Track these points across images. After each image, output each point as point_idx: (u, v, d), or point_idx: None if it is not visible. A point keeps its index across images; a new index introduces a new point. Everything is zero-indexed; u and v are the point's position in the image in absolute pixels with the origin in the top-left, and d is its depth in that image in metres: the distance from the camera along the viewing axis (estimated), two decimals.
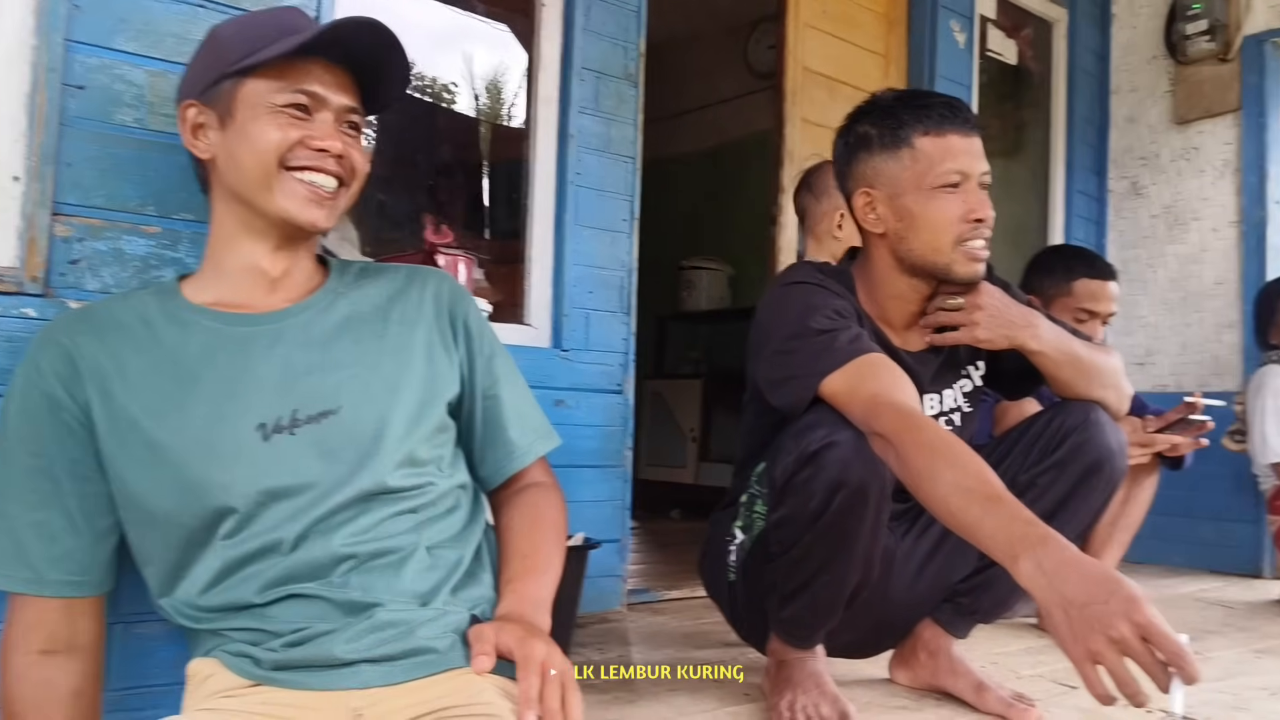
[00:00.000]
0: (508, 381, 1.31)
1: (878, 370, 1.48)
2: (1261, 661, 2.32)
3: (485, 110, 3.21)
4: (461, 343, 1.28)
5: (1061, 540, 1.10)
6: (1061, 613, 1.04)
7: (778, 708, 1.64)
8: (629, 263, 2.61)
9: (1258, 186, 3.86)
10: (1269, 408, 3.01)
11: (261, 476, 1.09)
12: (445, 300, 1.28)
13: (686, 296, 5.26)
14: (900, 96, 1.70)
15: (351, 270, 1.29)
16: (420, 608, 1.11)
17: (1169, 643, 0.96)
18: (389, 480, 1.14)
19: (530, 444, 1.32)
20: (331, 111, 1.17)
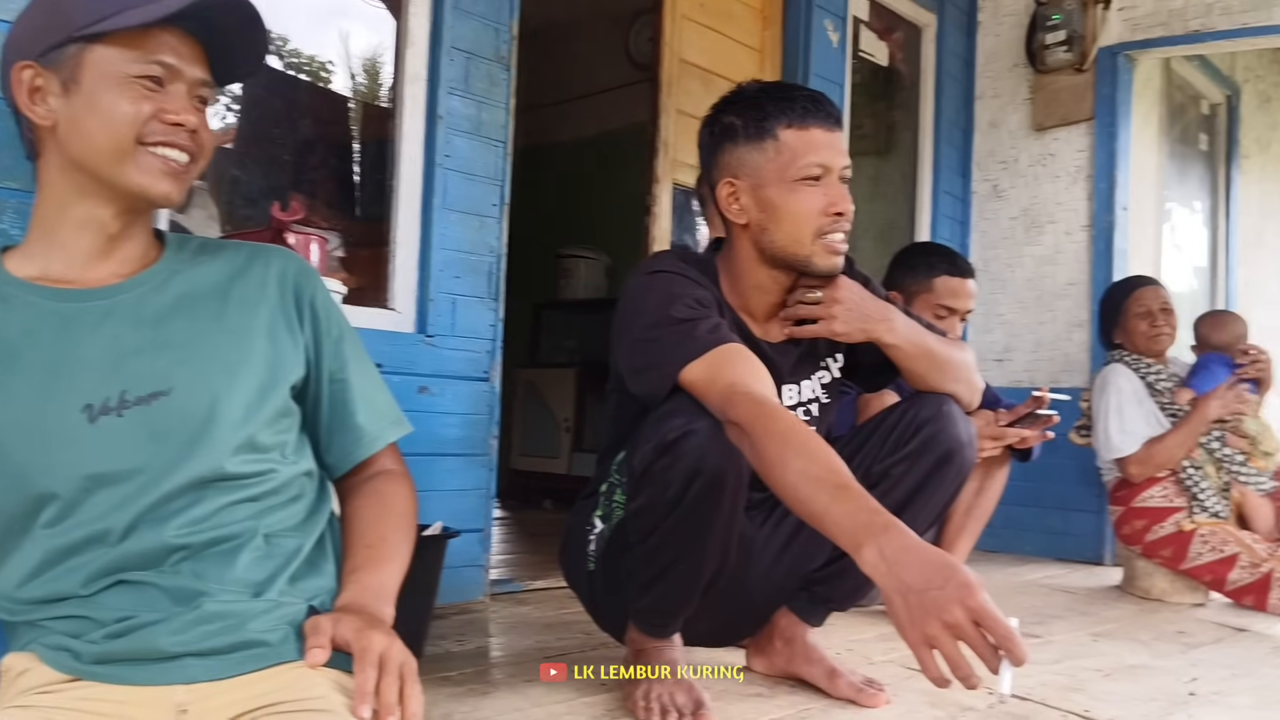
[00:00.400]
0: (357, 365, 1.27)
1: (736, 360, 1.48)
2: (1098, 644, 2.43)
3: (359, 88, 3.11)
4: (307, 324, 1.22)
5: (903, 528, 1.12)
6: (900, 599, 1.06)
7: (634, 697, 1.63)
8: (498, 248, 2.57)
9: (1108, 193, 4.05)
10: (1111, 405, 3.16)
11: (86, 461, 1.03)
12: (290, 280, 1.23)
13: (563, 285, 5.23)
14: (765, 88, 1.71)
15: (190, 246, 1.22)
16: (253, 598, 1.07)
17: (999, 626, 0.99)
18: (226, 466, 1.09)
19: (380, 430, 1.27)
20: (185, 84, 1.11)
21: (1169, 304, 3.28)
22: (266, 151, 2.70)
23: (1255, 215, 5.56)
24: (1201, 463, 3.09)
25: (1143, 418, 3.15)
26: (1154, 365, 3.24)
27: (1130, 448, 3.10)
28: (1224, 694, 2.02)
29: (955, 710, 1.75)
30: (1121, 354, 3.29)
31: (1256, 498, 3.11)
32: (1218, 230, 5.30)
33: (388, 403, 1.31)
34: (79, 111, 1.08)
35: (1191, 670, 2.21)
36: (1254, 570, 2.92)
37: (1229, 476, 3.10)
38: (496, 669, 1.90)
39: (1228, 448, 3.11)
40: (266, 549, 1.11)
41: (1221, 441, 3.11)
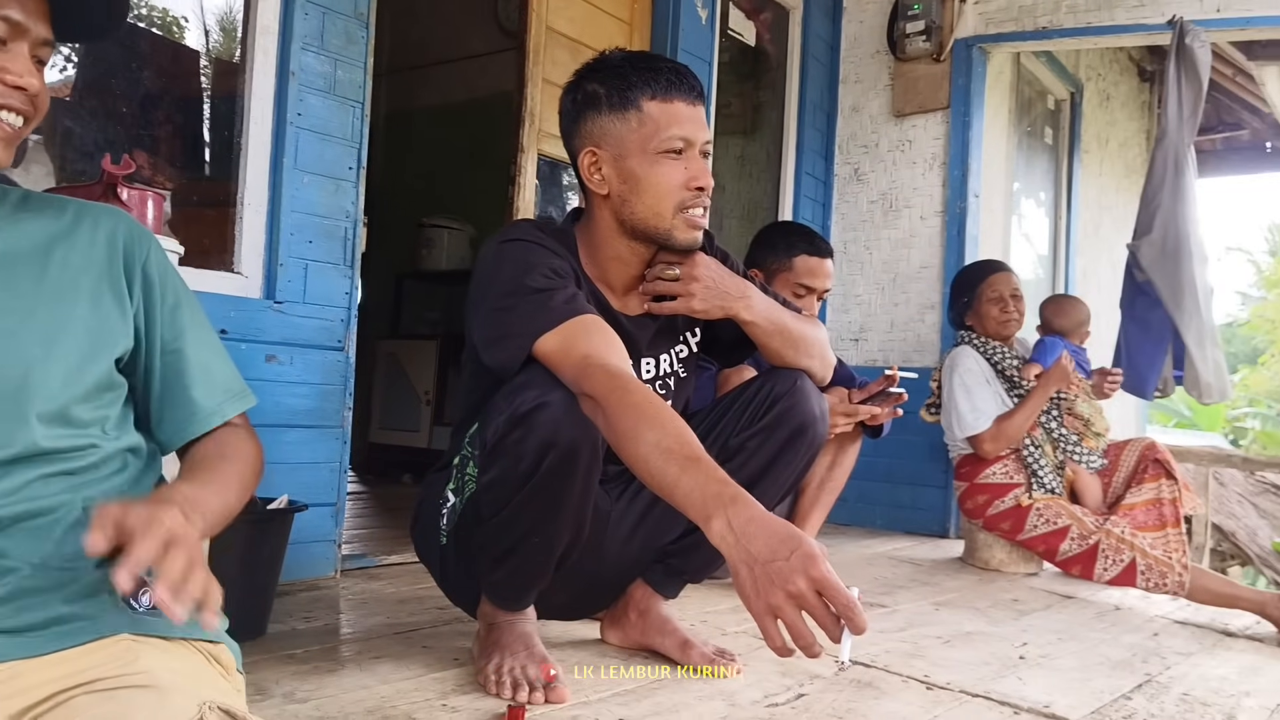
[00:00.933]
0: (194, 335, 1.18)
1: (591, 332, 1.47)
2: (939, 613, 2.53)
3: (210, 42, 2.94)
4: (138, 291, 1.13)
5: (751, 500, 1.12)
6: (746, 569, 1.06)
7: (484, 671, 1.61)
8: (354, 213, 2.47)
9: (960, 180, 4.21)
10: (958, 385, 3.29)
11: None
12: (120, 243, 1.13)
13: (426, 255, 5.10)
14: (630, 58, 1.69)
15: (9, 200, 1.11)
16: (64, 570, 0.99)
17: (840, 596, 1.01)
18: (39, 441, 1.00)
19: (218, 405, 1.18)
20: (28, 42, 1.02)
21: (1019, 290, 3.43)
22: (107, 104, 2.53)
23: (1094, 208, 5.88)
24: (1040, 442, 3.26)
25: (991, 397, 3.30)
26: (1001, 348, 3.39)
27: (983, 425, 3.24)
28: (1051, 656, 2.13)
29: (804, 678, 1.79)
30: (970, 336, 3.43)
31: (1087, 475, 3.30)
32: (1059, 220, 5.57)
33: (229, 375, 1.22)
34: None
35: (1023, 635, 2.33)
36: (1083, 541, 3.09)
37: (1064, 455, 3.27)
38: (345, 646, 1.84)
39: (1064, 428, 3.29)
40: (87, 521, 1.03)
41: (1059, 422, 3.29)
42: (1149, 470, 3.21)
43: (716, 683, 1.74)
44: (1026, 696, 1.80)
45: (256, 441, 1.22)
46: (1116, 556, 3.03)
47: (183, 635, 1.00)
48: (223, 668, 1.04)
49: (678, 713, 1.56)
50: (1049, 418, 3.30)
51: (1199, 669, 2.15)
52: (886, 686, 1.80)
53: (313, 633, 1.92)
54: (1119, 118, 6.19)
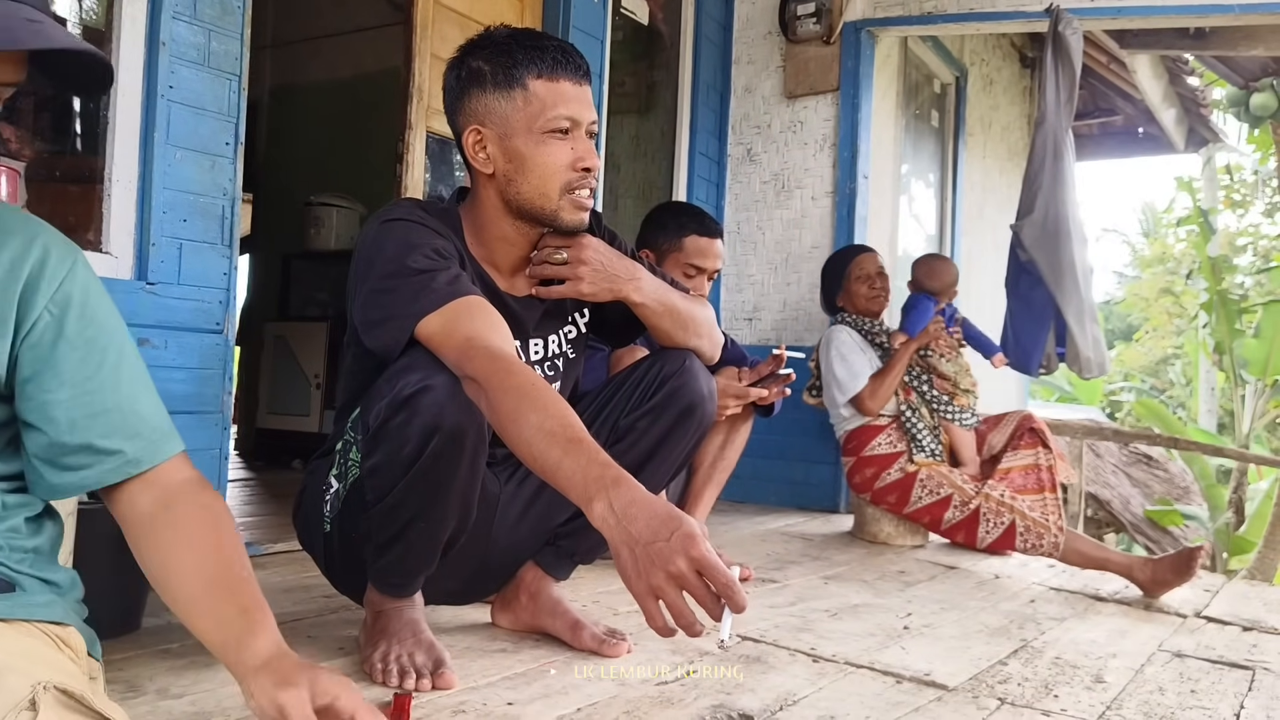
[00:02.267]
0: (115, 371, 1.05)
1: (474, 313, 1.45)
2: (828, 586, 2.59)
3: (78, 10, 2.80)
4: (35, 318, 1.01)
5: (633, 482, 1.12)
6: (627, 550, 1.07)
7: (370, 659, 1.58)
8: (232, 191, 2.39)
9: (850, 161, 4.28)
10: (835, 357, 3.43)
11: None
12: (30, 264, 1.01)
13: (314, 235, 4.95)
14: (515, 35, 1.66)
15: None
16: None
17: (720, 575, 1.02)
18: None
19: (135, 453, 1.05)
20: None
21: (884, 269, 3.60)
22: None
23: (978, 190, 6.05)
24: (916, 405, 3.39)
25: (866, 363, 3.43)
26: (873, 323, 3.57)
27: (860, 385, 3.36)
28: (933, 626, 2.20)
29: (693, 655, 1.81)
30: (843, 316, 3.56)
31: (962, 433, 3.43)
32: (945, 202, 5.73)
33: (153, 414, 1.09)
34: None
35: (908, 606, 2.40)
36: (964, 508, 3.21)
37: (938, 418, 3.40)
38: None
39: (934, 389, 3.43)
40: None
41: (929, 385, 3.43)
42: (1025, 438, 3.35)
43: (607, 662, 1.74)
44: (909, 665, 1.85)
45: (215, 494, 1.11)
46: (997, 519, 3.16)
47: (25, 617, 0.96)
48: (72, 650, 1.00)
49: (567, 694, 1.56)
50: (919, 381, 3.44)
51: (1071, 633, 2.24)
52: (774, 660, 1.83)
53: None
54: (1002, 102, 6.38)
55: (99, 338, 1.05)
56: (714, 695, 1.60)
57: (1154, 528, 7.29)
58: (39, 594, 1.01)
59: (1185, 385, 15.27)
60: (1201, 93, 6.79)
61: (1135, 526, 7.36)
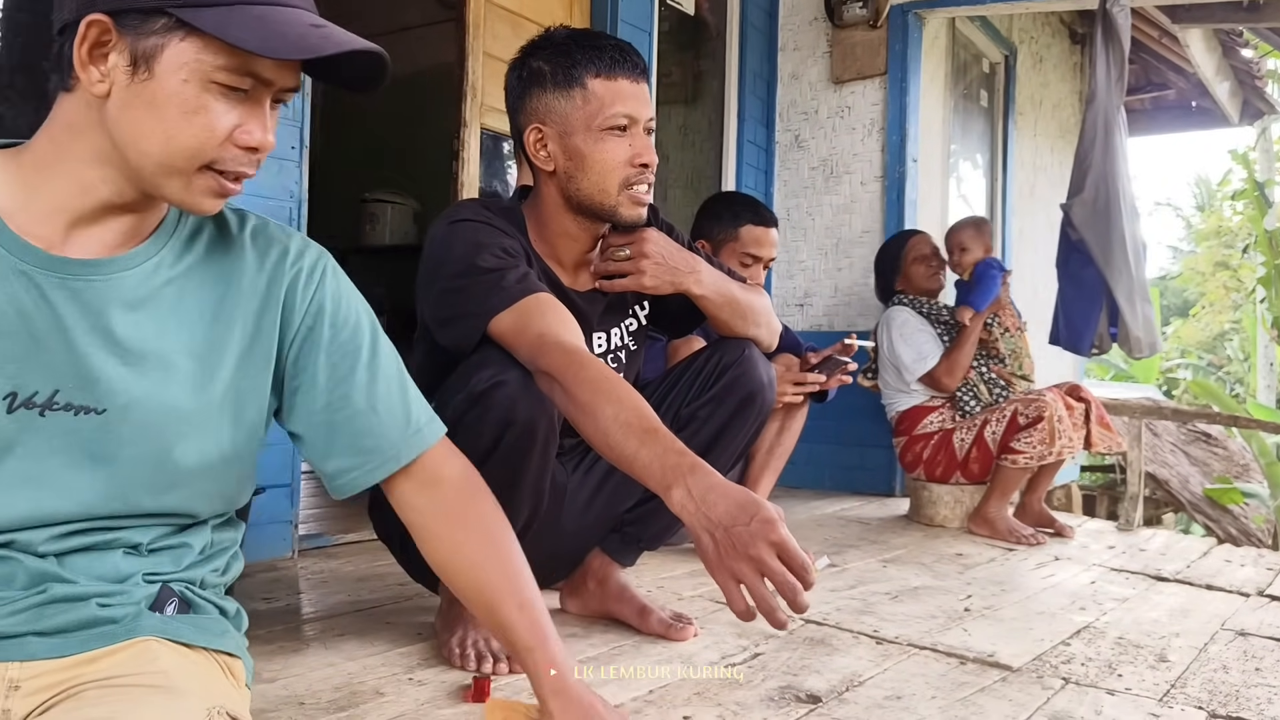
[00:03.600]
0: (371, 371, 1.11)
1: (544, 309, 1.49)
2: (887, 570, 2.62)
3: None
4: (295, 334, 1.06)
5: (709, 469, 1.16)
6: (708, 536, 1.11)
7: (448, 644, 1.64)
8: (299, 193, 2.47)
9: (899, 145, 4.27)
10: (897, 338, 3.45)
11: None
12: (286, 283, 1.06)
13: (370, 230, 5.06)
14: (573, 35, 1.70)
15: (189, 221, 1.03)
16: (106, 583, 0.98)
17: (798, 558, 1.05)
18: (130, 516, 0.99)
19: (397, 444, 1.11)
20: (271, 93, 0.95)
21: (938, 249, 3.66)
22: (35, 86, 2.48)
23: (1029, 169, 5.99)
24: (975, 383, 3.41)
25: (931, 339, 3.45)
26: (931, 302, 3.60)
27: (933, 362, 3.40)
28: (994, 607, 2.22)
29: (759, 638, 1.85)
30: (901, 298, 3.57)
31: None
32: (995, 182, 5.68)
33: (409, 405, 1.14)
34: (139, 101, 0.90)
35: (968, 588, 2.42)
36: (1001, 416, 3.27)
37: (993, 399, 3.42)
38: (308, 625, 1.86)
39: (993, 374, 3.44)
40: (144, 556, 1.02)
41: (988, 367, 3.44)
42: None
43: (674, 646, 1.79)
44: (971, 647, 1.88)
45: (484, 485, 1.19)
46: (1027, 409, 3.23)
47: (205, 645, 1.01)
48: (235, 679, 1.05)
49: (638, 677, 1.61)
50: (979, 362, 3.45)
51: (1133, 613, 2.25)
52: (838, 643, 1.87)
53: (275, 613, 1.94)
54: (1052, 79, 6.30)
55: (350, 341, 1.11)
56: (781, 677, 1.64)
57: (1213, 506, 7.19)
58: (215, 621, 1.06)
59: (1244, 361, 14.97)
60: (1256, 65, 6.64)
61: (1194, 505, 7.27)
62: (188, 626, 1.01)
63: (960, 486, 3.42)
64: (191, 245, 1.03)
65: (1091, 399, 3.37)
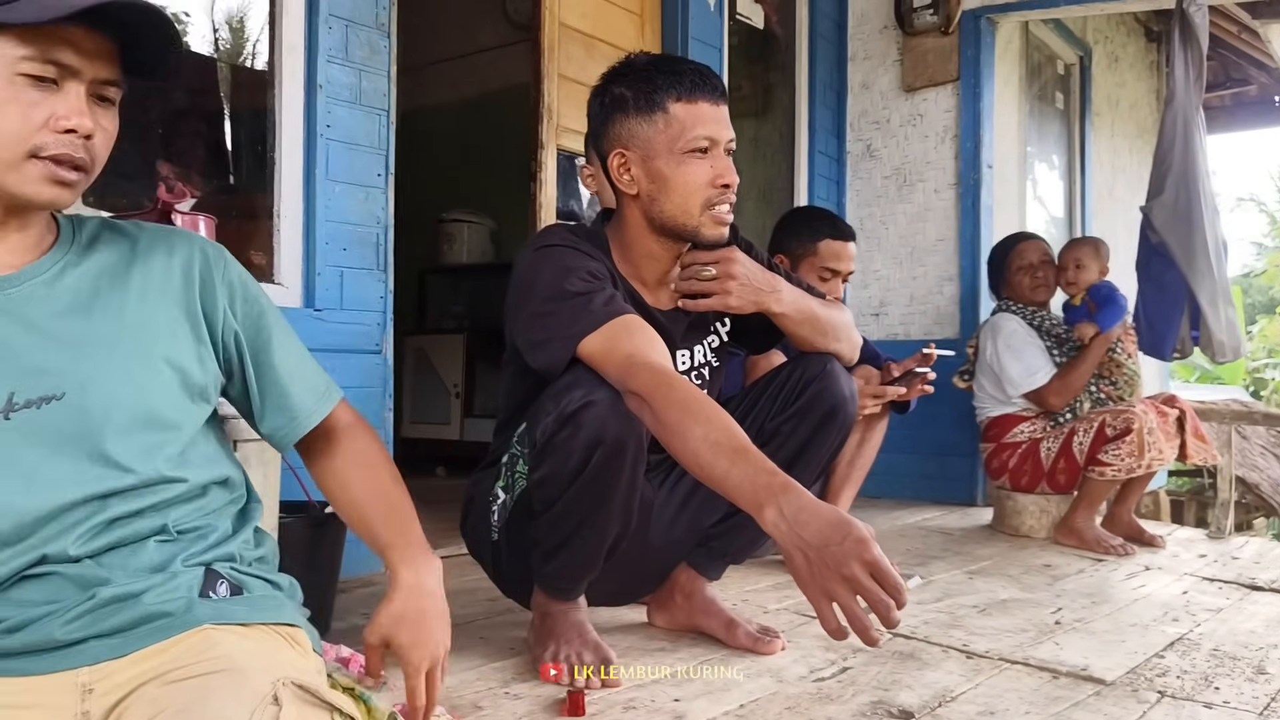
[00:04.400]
0: (280, 342, 1.23)
1: (632, 331, 1.53)
2: (973, 582, 2.60)
3: (226, 50, 3.01)
4: (221, 312, 1.17)
5: (800, 489, 1.18)
6: (801, 555, 1.12)
7: (542, 659, 1.68)
8: (385, 219, 2.54)
9: (973, 151, 4.23)
10: (1004, 348, 3.39)
11: None
12: (196, 268, 1.17)
13: (447, 250, 5.17)
14: (654, 61, 1.74)
15: (85, 230, 1.15)
16: (149, 575, 1.04)
17: (890, 578, 1.06)
18: (123, 477, 1.04)
19: (314, 406, 1.25)
20: (83, 83, 1.03)
21: (1049, 256, 3.55)
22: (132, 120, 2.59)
23: (1107, 170, 5.88)
24: (1080, 400, 3.34)
25: (1040, 352, 3.39)
26: (1040, 312, 3.51)
27: (1041, 380, 3.34)
28: (1085, 620, 2.19)
29: (846, 651, 1.86)
30: (1008, 304, 3.52)
31: None
32: (1073, 184, 5.58)
33: (315, 375, 1.27)
34: None
35: (1057, 600, 2.39)
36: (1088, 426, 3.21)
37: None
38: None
39: (1102, 393, 3.38)
40: (175, 539, 1.09)
41: (1098, 387, 3.37)
42: None
43: (763, 659, 1.80)
44: (1064, 660, 1.86)
45: (370, 429, 1.31)
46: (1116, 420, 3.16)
47: (260, 621, 1.06)
48: (301, 648, 1.09)
49: (729, 691, 1.63)
50: (1093, 382, 3.39)
51: (1228, 624, 2.20)
52: (928, 657, 1.86)
53: None
54: (1128, 79, 6.17)
55: (260, 316, 1.22)
56: (871, 692, 1.65)
57: None
58: (268, 597, 1.12)
59: None
60: None
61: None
62: (241, 607, 1.05)
63: (1046, 496, 3.37)
64: (93, 247, 1.13)
65: (1187, 408, 3.29)
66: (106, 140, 1.08)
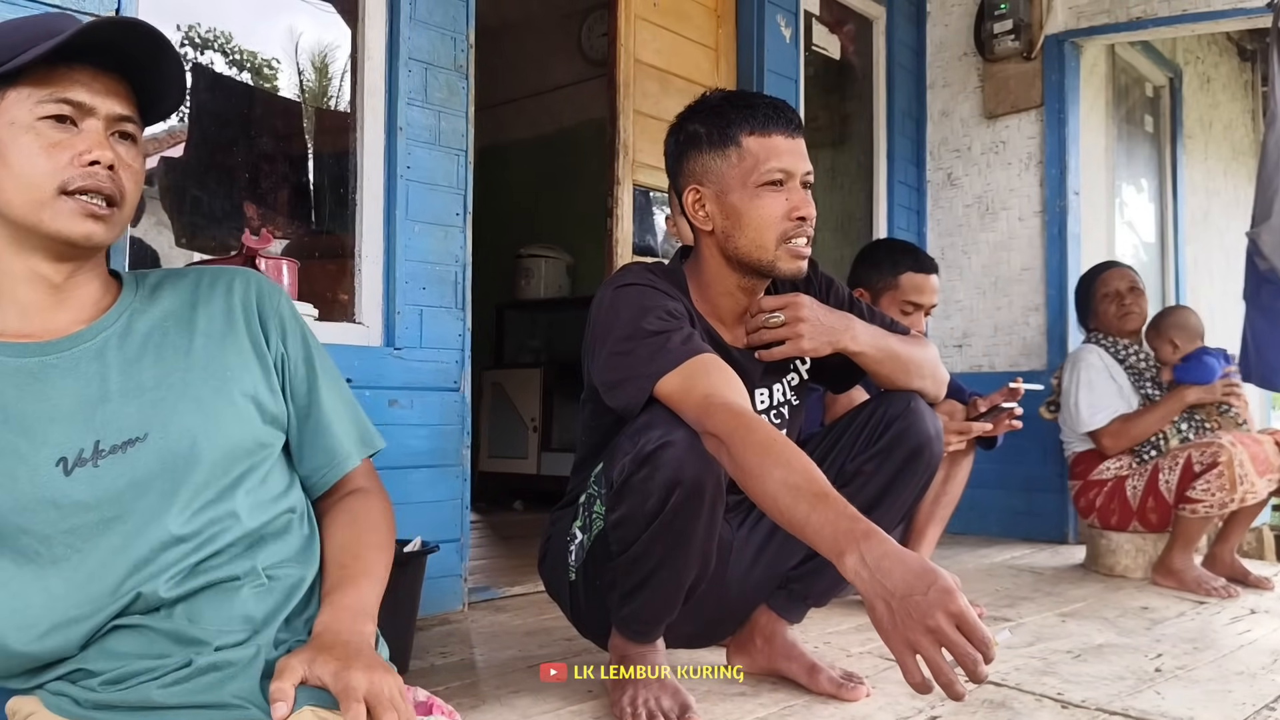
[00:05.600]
0: (326, 382, 1.25)
1: (710, 370, 1.51)
2: (1066, 625, 2.49)
3: (310, 93, 3.09)
4: (275, 345, 1.21)
5: (883, 535, 1.14)
6: (884, 605, 1.08)
7: (620, 703, 1.65)
8: (463, 258, 2.57)
9: (1059, 178, 4.13)
10: (1081, 381, 3.27)
11: (66, 516, 1.01)
12: (253, 303, 1.21)
13: (525, 285, 5.22)
14: (728, 96, 1.73)
15: (147, 283, 1.20)
16: (243, 644, 1.05)
17: (978, 632, 1.02)
18: (208, 515, 1.07)
19: (352, 447, 1.26)
20: (100, 120, 1.08)
21: (1136, 284, 3.40)
22: (219, 162, 2.68)
23: (1201, 194, 5.69)
24: (1169, 435, 3.19)
25: (1112, 393, 3.25)
26: (1128, 345, 3.36)
27: (1101, 421, 3.21)
28: (1187, 668, 2.08)
29: (934, 699, 1.79)
30: (1096, 336, 3.40)
31: None
32: (1165, 209, 5.41)
33: (357, 419, 1.29)
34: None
35: (1156, 646, 2.28)
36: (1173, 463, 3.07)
37: None
38: (483, 682, 1.91)
39: (1195, 435, 3.22)
40: (268, 584, 1.09)
41: (1195, 432, 3.21)
42: None
43: (847, 706, 1.75)
44: (1166, 712, 1.77)
45: (383, 496, 1.28)
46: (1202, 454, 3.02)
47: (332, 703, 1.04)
48: None
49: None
50: (1188, 422, 3.23)
51: None
52: (1020, 706, 1.79)
53: (450, 668, 2.00)
54: (1221, 100, 5.98)
55: (309, 356, 1.25)
56: None
57: None
58: None
59: None
60: None
61: None
62: None
63: (1141, 535, 3.23)
64: (158, 295, 1.18)
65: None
66: (133, 176, 1.12)
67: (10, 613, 1.01)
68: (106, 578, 1.02)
